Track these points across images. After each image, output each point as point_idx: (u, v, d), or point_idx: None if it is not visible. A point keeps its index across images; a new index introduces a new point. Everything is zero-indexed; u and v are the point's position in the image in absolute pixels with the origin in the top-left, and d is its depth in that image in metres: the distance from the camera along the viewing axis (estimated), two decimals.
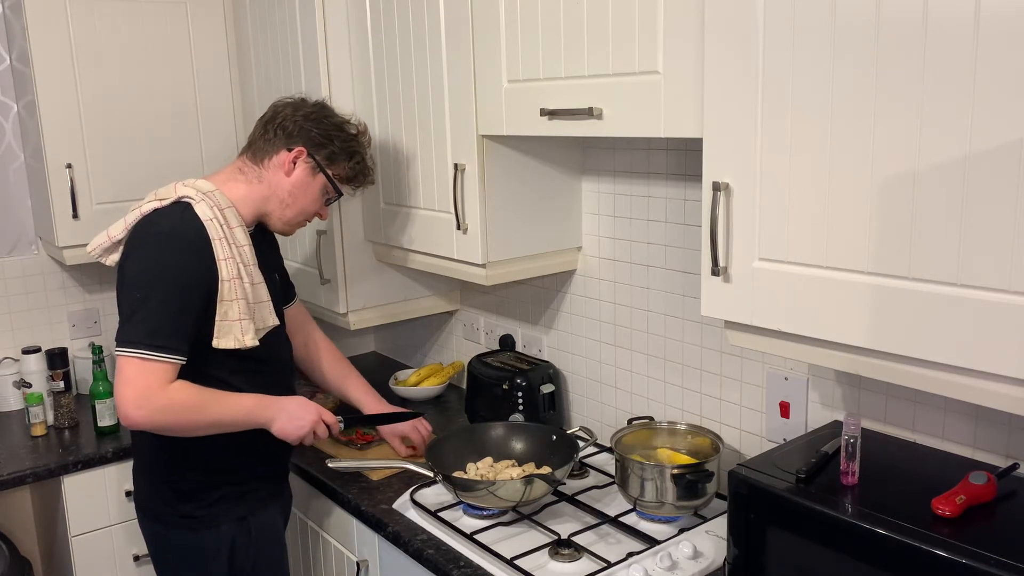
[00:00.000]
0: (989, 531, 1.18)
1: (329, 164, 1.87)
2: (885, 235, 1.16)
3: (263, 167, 1.85)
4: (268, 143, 1.85)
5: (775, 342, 1.35)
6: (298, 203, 1.87)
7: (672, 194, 1.92)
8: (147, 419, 1.65)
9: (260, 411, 1.78)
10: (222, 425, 1.74)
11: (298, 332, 2.16)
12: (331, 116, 1.90)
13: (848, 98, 1.17)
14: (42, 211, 2.61)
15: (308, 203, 1.89)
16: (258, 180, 1.85)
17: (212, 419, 1.72)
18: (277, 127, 1.85)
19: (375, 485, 2.04)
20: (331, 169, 1.88)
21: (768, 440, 1.81)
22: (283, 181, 1.84)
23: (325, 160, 1.86)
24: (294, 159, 1.84)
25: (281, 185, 1.85)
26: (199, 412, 1.70)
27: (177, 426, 1.71)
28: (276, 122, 1.85)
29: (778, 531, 1.32)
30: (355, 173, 1.92)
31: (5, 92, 2.69)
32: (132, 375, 1.63)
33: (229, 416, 1.75)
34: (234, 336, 1.73)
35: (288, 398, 1.83)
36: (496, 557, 1.65)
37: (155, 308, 1.65)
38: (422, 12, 1.98)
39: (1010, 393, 1.08)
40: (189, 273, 1.68)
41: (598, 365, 2.20)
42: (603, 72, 1.57)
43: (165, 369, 1.65)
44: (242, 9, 2.58)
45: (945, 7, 1.05)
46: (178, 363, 1.67)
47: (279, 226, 1.91)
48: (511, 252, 2.01)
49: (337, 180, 1.90)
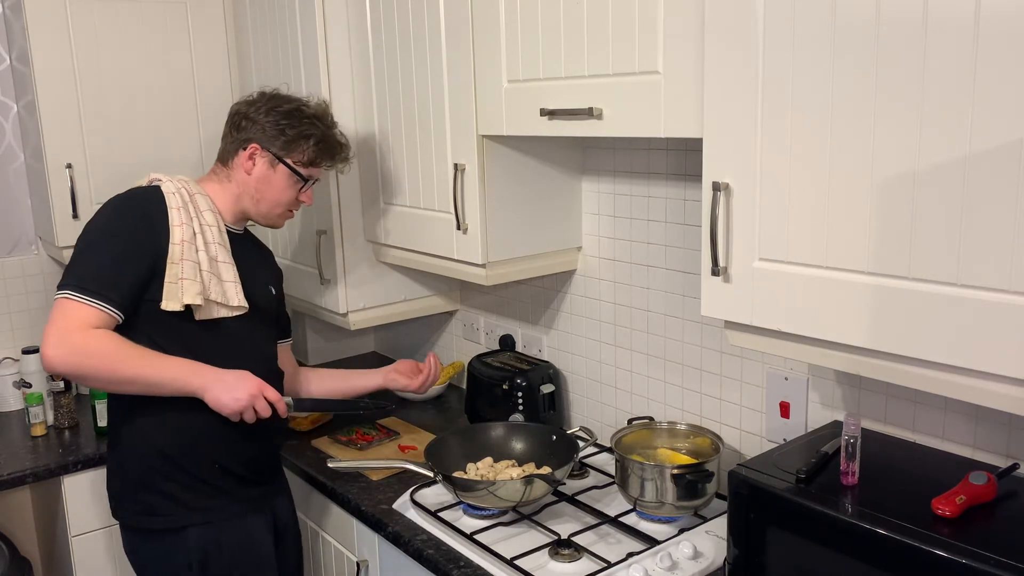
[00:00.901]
0: (989, 531, 1.18)
1: (286, 153, 1.89)
2: (885, 235, 1.16)
3: (230, 168, 1.91)
4: (229, 145, 1.92)
5: (775, 342, 1.35)
6: (268, 196, 1.91)
7: (672, 194, 1.92)
8: (63, 359, 1.63)
9: (192, 376, 1.72)
10: (146, 383, 1.69)
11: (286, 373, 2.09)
12: (281, 104, 1.91)
13: (848, 98, 1.17)
14: (42, 211, 2.61)
15: (279, 194, 1.91)
16: (228, 180, 1.91)
17: (133, 373, 1.67)
18: (232, 128, 1.91)
19: (375, 485, 2.04)
20: (290, 157, 1.89)
21: (768, 440, 1.81)
22: (247, 179, 1.89)
23: (281, 150, 1.89)
24: (251, 156, 1.88)
25: (247, 183, 1.89)
26: (120, 362, 1.66)
27: (94, 373, 1.66)
28: (233, 122, 1.91)
29: (778, 531, 1.32)
30: (319, 153, 1.93)
31: (5, 92, 2.69)
32: (56, 315, 1.65)
33: (155, 374, 1.69)
34: (177, 297, 1.73)
35: (229, 370, 1.76)
36: (496, 557, 1.65)
37: (90, 258, 1.70)
38: (422, 12, 1.98)
39: (1010, 393, 1.08)
40: (134, 232, 1.73)
41: (598, 365, 2.20)
42: (603, 72, 1.57)
43: (91, 313, 1.65)
44: (242, 9, 2.58)
45: (945, 7, 1.05)
46: (107, 312, 1.67)
47: (261, 221, 1.96)
48: (511, 252, 2.01)
49: (299, 166, 1.91)
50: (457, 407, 2.56)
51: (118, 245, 1.72)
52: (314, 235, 2.38)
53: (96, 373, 1.67)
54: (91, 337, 1.65)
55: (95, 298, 1.66)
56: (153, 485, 1.82)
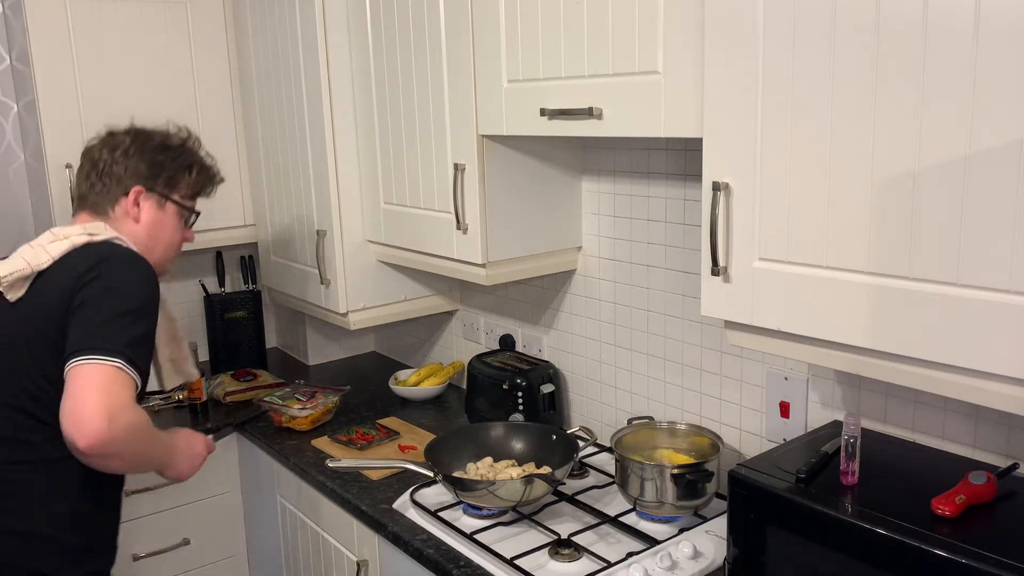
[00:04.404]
0: (989, 531, 1.18)
1: (171, 189, 1.76)
2: (885, 235, 1.16)
3: (109, 220, 1.71)
4: (101, 195, 1.71)
5: (775, 342, 1.35)
6: (161, 241, 1.76)
7: (672, 194, 1.92)
8: (113, 437, 1.40)
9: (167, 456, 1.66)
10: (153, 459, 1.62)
11: None
12: (148, 139, 1.77)
13: (848, 97, 1.17)
14: (42, 211, 2.61)
15: (170, 235, 1.78)
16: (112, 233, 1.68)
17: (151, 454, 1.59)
18: (102, 175, 1.71)
19: (375, 485, 2.04)
20: (176, 193, 1.77)
21: (768, 440, 1.81)
22: (136, 228, 1.72)
23: (165, 187, 1.75)
24: (135, 201, 1.72)
25: (136, 232, 1.72)
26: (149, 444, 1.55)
27: (131, 453, 1.50)
28: (99, 170, 1.72)
29: (778, 531, 1.32)
30: (201, 183, 1.82)
31: (5, 92, 2.69)
32: (107, 384, 1.41)
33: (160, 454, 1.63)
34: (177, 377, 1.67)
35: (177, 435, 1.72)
36: (496, 557, 1.65)
37: (136, 326, 1.51)
38: (422, 12, 1.98)
39: (1010, 393, 1.08)
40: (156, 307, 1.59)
41: (598, 365, 2.20)
42: (603, 72, 1.58)
43: (134, 388, 1.47)
44: (242, 9, 2.58)
45: (945, 7, 1.05)
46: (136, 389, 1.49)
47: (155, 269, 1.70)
48: (511, 252, 2.01)
49: (186, 200, 1.80)
50: (457, 407, 2.56)
51: (151, 317, 1.55)
52: (314, 235, 2.38)
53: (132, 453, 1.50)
54: (138, 413, 1.47)
55: (139, 373, 1.48)
56: None
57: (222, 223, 2.68)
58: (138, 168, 1.72)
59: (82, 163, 1.76)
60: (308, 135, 2.35)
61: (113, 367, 1.43)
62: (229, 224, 2.72)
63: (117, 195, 1.71)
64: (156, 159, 1.74)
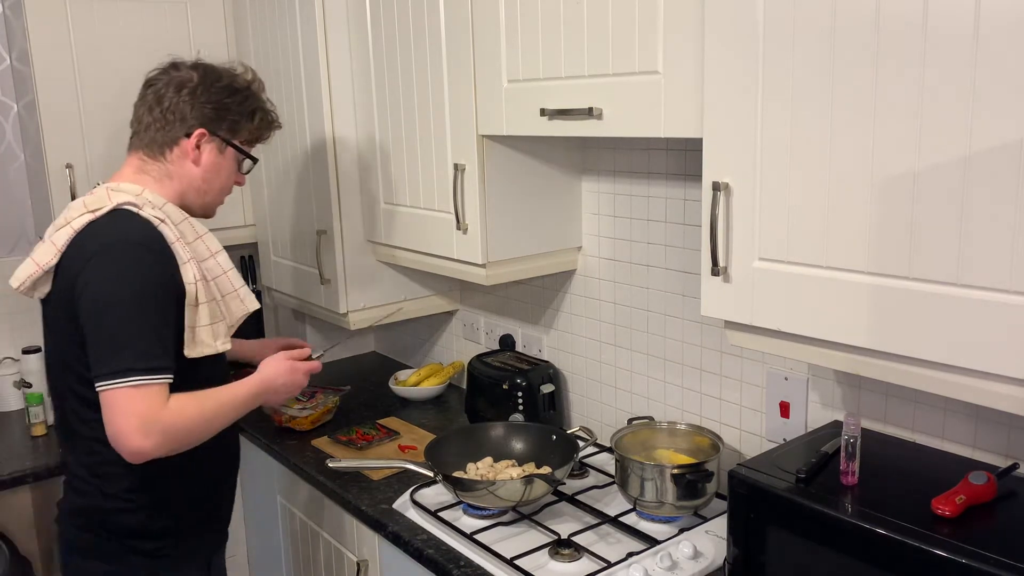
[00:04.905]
0: (989, 531, 1.18)
1: (233, 134, 1.72)
2: (885, 235, 1.16)
3: (166, 161, 1.68)
4: (162, 132, 1.67)
5: (775, 342, 1.35)
6: (215, 186, 1.73)
7: (672, 194, 1.92)
8: (158, 445, 1.49)
9: (255, 399, 1.70)
10: (227, 424, 1.66)
11: None
12: (216, 79, 1.70)
13: (848, 97, 1.17)
14: (42, 211, 2.61)
15: (224, 180, 1.75)
16: (168, 177, 1.68)
17: (220, 423, 1.63)
18: (166, 111, 1.66)
19: (375, 485, 2.04)
20: (237, 138, 1.73)
21: (768, 440, 1.81)
22: (193, 171, 1.69)
23: (228, 132, 1.71)
24: (196, 143, 1.68)
25: (193, 175, 1.69)
26: (207, 422, 1.59)
27: (188, 442, 1.57)
28: (163, 107, 1.66)
29: (778, 531, 1.32)
30: (260, 130, 1.78)
31: (5, 92, 2.69)
32: (127, 405, 1.47)
33: (233, 414, 1.66)
34: (206, 343, 1.62)
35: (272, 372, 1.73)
36: (496, 557, 1.65)
37: (138, 328, 1.50)
38: (422, 12, 1.98)
39: (1010, 393, 1.08)
40: (160, 284, 1.55)
41: (598, 365, 2.20)
42: (603, 72, 1.57)
43: (160, 390, 1.51)
44: (242, 9, 2.58)
45: (945, 7, 1.05)
46: (167, 381, 1.52)
47: (199, 213, 1.75)
48: (511, 252, 2.01)
49: (246, 146, 1.76)
50: (457, 407, 2.55)
51: (152, 306, 1.53)
52: (314, 235, 2.38)
53: (190, 441, 1.57)
54: (174, 411, 1.51)
55: (158, 374, 1.50)
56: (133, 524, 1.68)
57: (222, 223, 2.65)
58: (203, 110, 1.67)
59: (144, 94, 1.70)
60: (308, 135, 2.35)
61: (127, 388, 1.47)
62: (229, 224, 2.71)
63: (178, 135, 1.67)
64: (223, 102, 1.69)
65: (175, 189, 1.69)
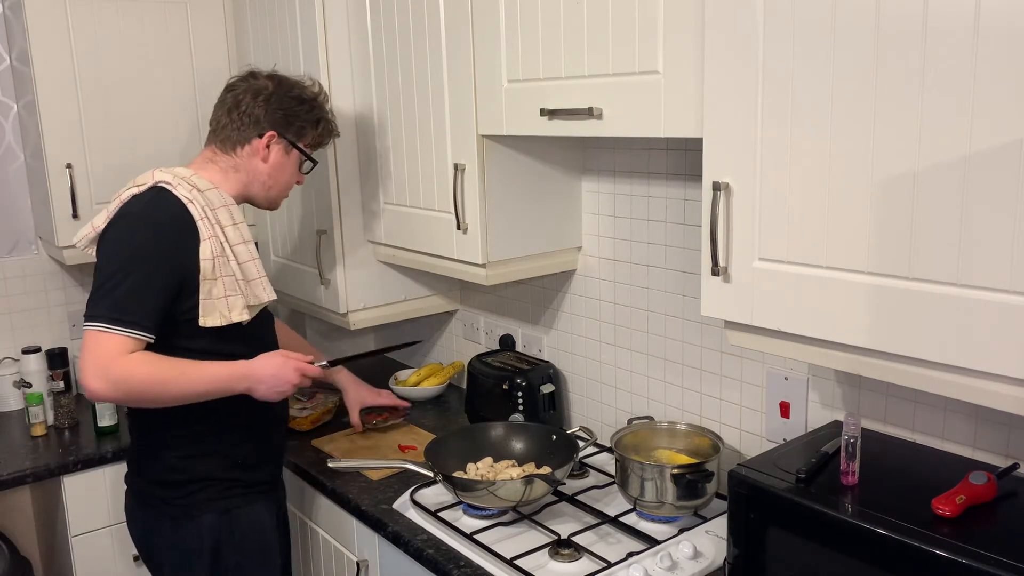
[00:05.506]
0: (989, 531, 1.18)
1: (299, 138, 1.93)
2: (885, 235, 1.16)
3: (236, 155, 1.88)
4: (237, 131, 1.87)
5: (775, 342, 1.35)
6: (279, 182, 1.93)
7: (672, 194, 1.92)
8: (107, 390, 1.65)
9: (235, 382, 1.77)
10: (193, 396, 1.74)
11: None
12: (289, 90, 1.92)
13: (848, 97, 1.17)
14: (42, 211, 2.61)
15: (287, 178, 1.95)
16: (234, 169, 1.88)
17: (177, 392, 1.72)
18: (242, 114, 1.87)
19: (375, 485, 2.04)
20: (302, 142, 1.93)
21: (768, 440, 1.81)
22: (261, 167, 1.89)
23: (295, 136, 1.92)
24: (267, 144, 1.88)
25: (260, 170, 1.90)
26: (163, 384, 1.69)
27: (139, 399, 1.72)
28: (240, 110, 1.87)
29: (778, 531, 1.32)
30: (323, 136, 1.99)
31: (5, 92, 2.69)
32: (91, 346, 1.65)
33: (199, 388, 1.74)
34: (220, 313, 1.75)
35: (261, 363, 1.80)
36: (496, 557, 1.65)
37: (119, 285, 1.66)
38: (422, 12, 1.98)
39: (1010, 393, 1.08)
40: (160, 252, 1.70)
41: (598, 365, 2.20)
42: (603, 72, 1.57)
43: (123, 341, 1.65)
44: (242, 9, 2.58)
45: (945, 7, 1.05)
46: (140, 338, 1.67)
47: (265, 205, 1.97)
48: (511, 252, 2.01)
49: (309, 150, 1.96)
50: (457, 407, 2.55)
51: (146, 270, 1.69)
52: (314, 235, 2.38)
53: (142, 398, 1.71)
54: (130, 365, 1.65)
55: (128, 327, 1.65)
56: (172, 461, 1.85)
57: None
58: (275, 115, 1.88)
59: (224, 97, 1.91)
60: None
61: (95, 331, 1.65)
62: None
63: (251, 135, 1.87)
64: (293, 109, 1.90)
65: (240, 180, 1.90)
